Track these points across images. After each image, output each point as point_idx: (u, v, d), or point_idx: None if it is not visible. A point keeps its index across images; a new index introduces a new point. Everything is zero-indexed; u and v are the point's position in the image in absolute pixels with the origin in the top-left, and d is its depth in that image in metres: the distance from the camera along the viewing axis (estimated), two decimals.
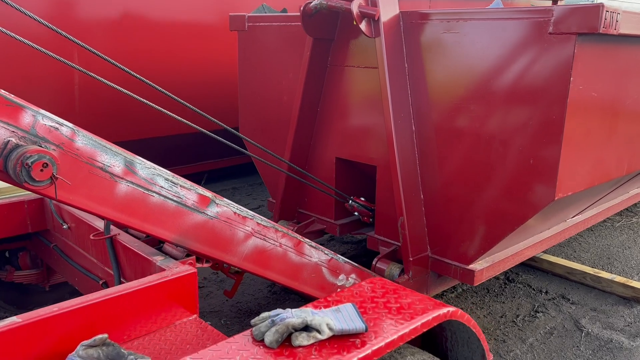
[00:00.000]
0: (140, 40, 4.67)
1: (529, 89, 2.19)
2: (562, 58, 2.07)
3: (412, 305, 1.56)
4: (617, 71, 2.42)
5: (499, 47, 2.26)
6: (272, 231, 2.26)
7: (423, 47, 2.54)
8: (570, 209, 2.88)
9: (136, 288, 1.71)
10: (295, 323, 1.33)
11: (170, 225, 1.92)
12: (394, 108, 2.54)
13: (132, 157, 1.80)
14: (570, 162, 2.21)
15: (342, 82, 2.98)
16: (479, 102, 2.36)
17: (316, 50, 2.95)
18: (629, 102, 2.56)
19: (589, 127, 2.30)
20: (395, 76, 2.57)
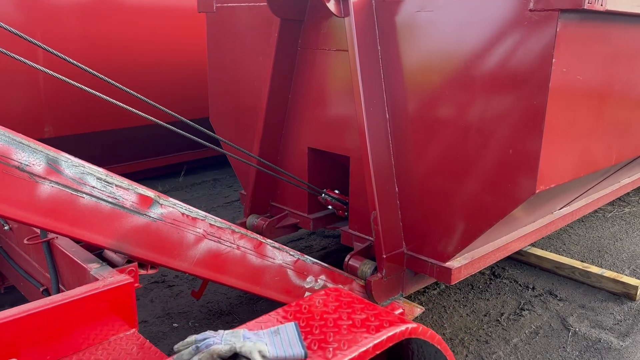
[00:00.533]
0: (115, 23, 4.43)
1: (508, 72, 1.99)
2: (544, 37, 1.86)
3: (366, 323, 1.37)
4: (605, 53, 2.21)
5: (475, 26, 2.06)
6: (228, 232, 2.07)
7: (396, 27, 2.33)
8: (557, 200, 2.69)
9: (60, 302, 1.52)
10: (222, 351, 1.15)
11: (105, 230, 1.72)
12: (365, 94, 2.34)
13: (57, 154, 1.60)
14: (552, 151, 2.02)
15: (314, 66, 2.78)
16: (454, 87, 2.16)
17: (284, 32, 2.75)
18: (618, 88, 2.36)
19: (573, 113, 2.10)
20: (366, 60, 2.37)
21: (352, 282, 2.52)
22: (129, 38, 4.53)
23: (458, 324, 3.07)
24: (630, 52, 2.38)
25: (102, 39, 4.37)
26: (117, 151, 4.94)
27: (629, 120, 2.57)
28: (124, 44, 4.48)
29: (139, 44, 4.60)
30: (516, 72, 1.97)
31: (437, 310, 3.20)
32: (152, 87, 4.67)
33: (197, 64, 4.94)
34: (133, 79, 4.49)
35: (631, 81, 2.46)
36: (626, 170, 3.46)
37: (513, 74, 1.98)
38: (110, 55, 4.37)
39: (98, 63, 4.23)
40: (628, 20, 2.24)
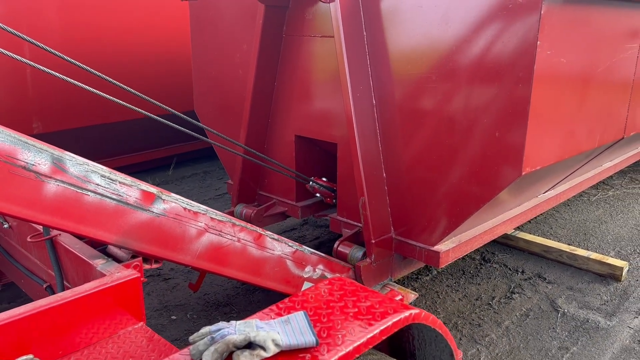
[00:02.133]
0: (102, 14, 4.38)
1: (494, 56, 2.02)
2: (529, 20, 1.90)
3: (371, 310, 1.42)
4: (589, 37, 2.26)
5: (460, 11, 2.08)
6: (228, 226, 2.11)
7: (382, 12, 2.34)
8: (541, 183, 2.77)
9: (70, 299, 1.55)
10: (237, 340, 1.19)
11: (110, 226, 1.75)
12: (352, 80, 2.36)
13: (61, 153, 1.62)
14: (538, 134, 2.06)
15: (299, 53, 2.78)
16: (440, 72, 2.19)
17: (269, 19, 2.75)
18: (600, 71, 2.42)
19: (558, 96, 2.16)
20: (352, 46, 2.38)
21: (349, 270, 2.58)
22: (116, 29, 4.49)
23: (451, 308, 3.15)
24: (612, 36, 2.43)
25: (87, 30, 4.32)
26: (107, 146, 4.92)
27: (611, 103, 2.64)
28: (110, 36, 4.45)
29: (127, 35, 4.57)
30: (501, 56, 2.00)
31: (430, 296, 3.28)
32: (140, 80, 4.65)
33: (186, 55, 4.93)
34: (120, 72, 4.46)
35: (614, 65, 2.52)
36: (608, 153, 3.56)
37: (498, 57, 2.01)
38: (96, 47, 4.34)
39: (83, 55, 4.20)
40: (610, 4, 2.29)
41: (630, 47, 2.64)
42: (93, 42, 4.35)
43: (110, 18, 4.43)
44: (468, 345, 2.81)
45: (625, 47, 2.60)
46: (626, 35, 2.56)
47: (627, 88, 2.75)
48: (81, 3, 4.23)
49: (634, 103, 2.88)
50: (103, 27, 4.39)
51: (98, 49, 4.39)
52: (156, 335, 1.68)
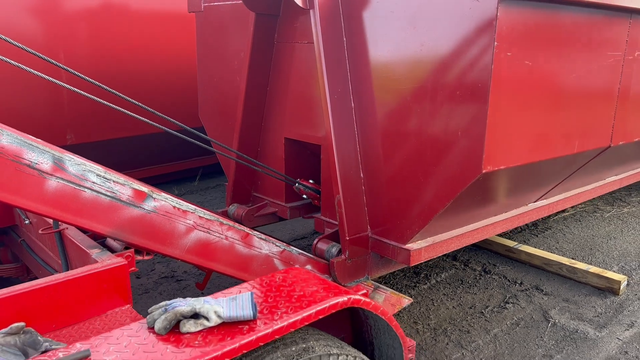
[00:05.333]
0: (129, 30, 4.74)
1: (456, 55, 2.14)
2: (486, 22, 2.01)
3: (315, 294, 1.59)
4: (561, 41, 2.34)
5: (426, 16, 2.21)
6: (216, 224, 2.32)
7: (359, 19, 2.47)
8: (525, 189, 2.83)
9: (63, 279, 1.79)
10: (184, 311, 1.39)
11: (105, 220, 1.99)
12: (330, 83, 2.49)
13: (62, 154, 1.88)
14: (500, 133, 2.15)
15: (289, 59, 2.96)
16: (408, 73, 2.32)
17: (260, 27, 2.93)
18: (578, 77, 2.49)
19: (524, 98, 2.24)
20: (330, 50, 2.52)
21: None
22: (143, 46, 4.85)
23: (443, 315, 3.24)
24: (588, 43, 2.48)
25: (116, 46, 4.68)
26: (136, 157, 5.27)
27: (592, 110, 2.67)
28: (137, 51, 4.81)
29: (152, 51, 4.91)
30: (463, 55, 2.12)
31: (425, 303, 3.39)
32: (164, 93, 5.00)
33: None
34: (146, 85, 4.82)
35: (592, 72, 2.58)
36: (611, 166, 3.58)
37: (461, 56, 2.13)
38: (123, 62, 4.71)
39: (111, 69, 4.57)
40: (582, 10, 2.35)
41: (612, 56, 2.71)
42: (120, 61, 4.73)
43: (135, 38, 4.80)
44: (453, 349, 2.90)
45: (607, 54, 2.67)
46: (605, 43, 2.62)
47: (611, 96, 2.81)
48: (109, 27, 4.62)
49: (622, 112, 2.92)
50: (131, 42, 4.76)
51: (125, 67, 4.77)
52: (139, 316, 1.90)
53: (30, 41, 4.17)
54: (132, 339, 1.37)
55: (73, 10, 4.40)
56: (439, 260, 3.94)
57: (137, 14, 4.80)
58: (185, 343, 1.35)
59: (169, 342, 1.35)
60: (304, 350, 1.53)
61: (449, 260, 3.95)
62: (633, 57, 2.90)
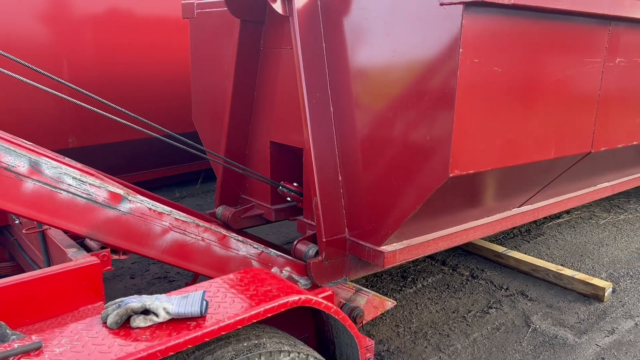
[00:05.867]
0: (132, 36, 4.88)
1: (425, 62, 2.19)
2: (452, 29, 2.05)
3: (267, 293, 1.66)
4: (533, 48, 2.37)
5: (397, 23, 2.26)
6: (192, 226, 2.40)
7: (341, 25, 2.52)
8: (504, 193, 2.86)
9: (36, 277, 1.89)
10: (135, 307, 1.47)
11: (81, 220, 2.08)
12: (308, 88, 2.55)
13: (38, 157, 1.98)
14: (468, 138, 2.18)
15: (274, 64, 3.03)
16: (382, 79, 2.37)
17: (245, 33, 3.00)
18: (552, 83, 2.51)
19: (494, 103, 2.27)
20: (309, 56, 2.58)
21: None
22: (147, 51, 4.98)
23: (426, 319, 3.28)
24: (563, 49, 2.51)
25: (117, 51, 4.82)
26: (138, 160, 5.41)
27: (569, 116, 2.68)
28: (141, 57, 4.94)
29: (156, 56, 5.04)
30: (432, 61, 2.17)
31: (409, 307, 3.43)
32: (164, 98, 5.12)
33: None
34: (144, 90, 4.95)
35: (569, 78, 2.59)
36: (597, 172, 3.58)
37: (430, 63, 2.18)
38: (124, 67, 4.85)
39: (113, 74, 4.71)
40: (555, 17, 2.38)
41: (590, 62, 2.73)
42: (125, 66, 4.86)
43: (140, 43, 4.94)
44: (431, 353, 2.94)
45: (584, 61, 2.69)
46: (582, 50, 2.65)
47: (590, 102, 2.82)
48: (113, 30, 4.76)
49: (603, 118, 2.93)
50: (132, 47, 4.89)
51: (130, 72, 4.90)
52: None
53: (35, 46, 4.33)
54: (85, 332, 1.45)
55: (78, 17, 4.56)
56: (427, 265, 3.98)
57: (143, 20, 4.94)
58: (133, 337, 1.42)
59: (119, 336, 1.43)
60: (255, 346, 1.60)
61: (438, 265, 3.98)
62: (614, 64, 2.91)
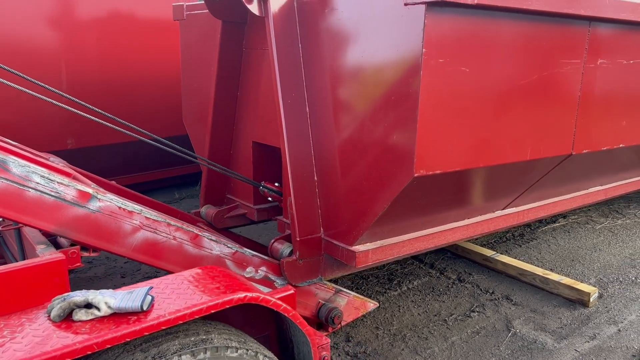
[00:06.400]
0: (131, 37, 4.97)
1: (392, 62, 2.20)
2: (415, 29, 2.06)
3: (215, 290, 1.69)
4: (503, 48, 2.36)
5: (366, 23, 2.28)
6: (163, 225, 2.44)
7: (316, 25, 2.55)
8: (482, 195, 2.84)
9: (3, 271, 1.94)
10: (78, 301, 1.51)
11: (49, 218, 2.13)
12: (283, 89, 2.57)
13: (5, 155, 2.04)
14: (433, 138, 2.19)
15: (256, 65, 3.06)
16: (352, 80, 2.38)
17: (227, 34, 3.04)
18: (526, 84, 2.49)
19: (461, 104, 2.27)
20: (285, 56, 2.60)
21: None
22: (143, 51, 5.06)
23: (406, 321, 3.27)
24: (536, 50, 2.49)
25: (119, 52, 4.92)
26: (137, 161, 5.49)
27: (547, 117, 2.66)
28: (137, 58, 5.03)
29: (153, 57, 5.12)
30: (397, 62, 2.18)
31: (391, 309, 3.42)
32: (165, 99, 5.21)
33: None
34: (146, 92, 5.04)
35: (545, 78, 2.57)
36: (587, 175, 3.53)
37: (396, 64, 2.19)
38: (125, 69, 4.94)
39: (114, 75, 4.81)
40: (523, 17, 2.35)
41: (568, 63, 2.70)
42: (124, 67, 4.96)
43: (139, 43, 5.03)
44: (408, 355, 2.93)
45: (561, 62, 2.66)
46: (558, 51, 2.62)
47: (570, 104, 2.79)
48: (114, 33, 4.86)
49: (584, 120, 2.90)
50: (132, 48, 4.98)
51: (128, 73, 5.00)
52: None
53: (36, 49, 4.45)
54: (28, 324, 1.49)
55: (80, 19, 4.67)
56: (414, 268, 3.97)
57: (144, 22, 5.04)
58: (73, 330, 1.46)
59: (60, 329, 1.47)
60: (202, 341, 1.63)
61: (425, 268, 3.97)
62: (595, 65, 2.88)
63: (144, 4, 5.06)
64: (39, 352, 1.34)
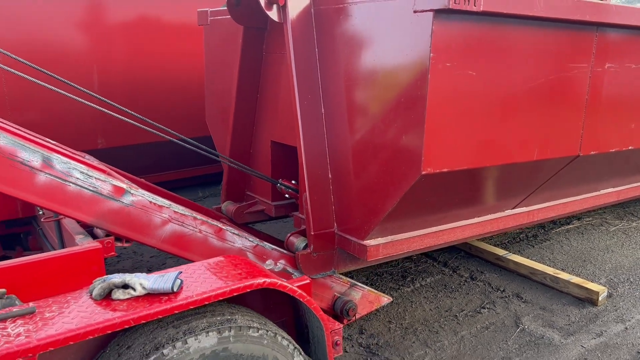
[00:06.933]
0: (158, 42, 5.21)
1: (402, 66, 2.34)
2: (424, 34, 2.19)
3: (237, 276, 1.86)
4: (510, 53, 2.47)
5: (380, 29, 2.42)
6: (190, 219, 2.63)
7: (331, 32, 2.70)
8: (491, 194, 2.95)
9: (45, 258, 2.15)
10: (116, 282, 1.70)
11: (87, 210, 2.34)
12: (300, 90, 2.73)
13: (50, 153, 2.25)
14: (441, 138, 2.32)
15: (275, 68, 3.23)
16: (364, 83, 2.53)
17: (248, 39, 3.22)
18: (533, 86, 2.59)
19: (468, 105, 2.39)
20: (302, 60, 2.75)
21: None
22: (170, 55, 5.29)
23: (418, 316, 3.41)
24: (543, 54, 2.60)
25: (147, 56, 5.15)
26: (163, 161, 5.73)
27: (553, 119, 2.77)
28: (165, 62, 5.25)
29: (180, 61, 5.34)
30: (408, 66, 2.33)
31: (404, 304, 3.56)
32: (188, 101, 5.43)
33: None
34: (174, 94, 5.27)
35: (551, 82, 2.67)
36: (598, 177, 3.61)
37: (406, 67, 2.33)
38: (154, 72, 5.18)
39: (141, 77, 5.04)
40: (528, 23, 2.47)
41: (576, 67, 2.80)
42: (152, 70, 5.19)
43: (168, 47, 5.26)
44: (418, 347, 3.07)
45: (568, 66, 2.77)
46: (565, 55, 2.72)
47: (577, 106, 2.89)
48: (142, 37, 5.10)
49: (592, 122, 2.99)
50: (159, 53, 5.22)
51: (157, 76, 5.23)
52: None
53: (69, 52, 4.71)
54: (73, 302, 1.69)
55: (110, 24, 4.92)
56: (428, 266, 4.09)
57: (171, 27, 5.26)
58: (112, 307, 1.65)
59: (100, 306, 1.66)
60: (227, 320, 1.80)
61: (439, 266, 4.09)
62: (603, 69, 2.98)
63: (169, 10, 5.29)
64: (85, 324, 1.53)
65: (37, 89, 2.65)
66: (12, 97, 4.47)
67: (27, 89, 4.08)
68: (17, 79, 2.51)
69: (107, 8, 4.90)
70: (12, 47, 3.34)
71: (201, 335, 1.68)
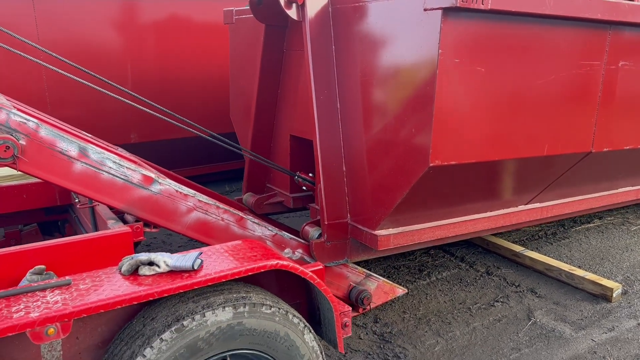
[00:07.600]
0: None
1: (413, 63, 2.45)
2: (433, 32, 2.30)
3: (252, 257, 2.01)
4: (519, 50, 2.54)
5: (393, 27, 2.54)
6: (213, 207, 2.80)
7: (349, 31, 2.82)
8: (502, 188, 3.03)
9: (80, 239, 2.35)
10: (142, 259, 1.87)
11: (119, 197, 2.54)
12: (317, 86, 2.86)
13: (86, 144, 2.45)
14: (449, 131, 2.42)
15: (295, 65, 3.37)
16: (377, 79, 2.65)
17: (269, 37, 3.37)
18: (543, 82, 2.66)
19: (477, 100, 2.48)
20: (319, 57, 2.88)
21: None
22: (201, 54, 5.50)
23: (432, 308, 3.50)
24: (553, 51, 2.66)
25: (176, 55, 5.37)
26: (191, 156, 5.96)
27: (564, 115, 2.82)
28: (196, 60, 5.46)
29: (209, 59, 5.55)
30: (418, 61, 2.44)
31: (418, 296, 3.66)
32: (218, 97, 5.63)
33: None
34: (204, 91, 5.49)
35: (562, 79, 2.73)
36: (615, 174, 3.63)
37: (415, 63, 2.45)
38: (185, 70, 5.40)
39: (171, 75, 5.27)
40: (538, 20, 2.53)
41: (587, 64, 2.85)
42: (183, 68, 5.42)
43: (199, 45, 5.48)
44: (430, 336, 3.17)
45: (580, 63, 2.82)
46: (577, 52, 2.77)
47: (589, 103, 2.93)
48: (176, 36, 5.32)
49: (604, 119, 3.03)
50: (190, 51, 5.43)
51: (188, 74, 5.46)
52: None
53: (105, 52, 4.98)
54: (104, 276, 1.87)
55: (143, 25, 5.16)
56: (445, 260, 4.18)
57: (202, 26, 5.47)
58: (139, 282, 1.82)
59: (128, 280, 1.84)
60: (243, 297, 1.95)
61: (455, 261, 4.17)
62: (616, 67, 3.01)
63: (199, 11, 5.51)
64: (115, 295, 1.71)
65: (75, 86, 2.86)
66: (52, 93, 4.75)
67: (66, 86, 4.34)
68: (57, 76, 2.74)
69: (140, 9, 5.15)
70: (53, 46, 3.60)
71: (218, 309, 1.84)
